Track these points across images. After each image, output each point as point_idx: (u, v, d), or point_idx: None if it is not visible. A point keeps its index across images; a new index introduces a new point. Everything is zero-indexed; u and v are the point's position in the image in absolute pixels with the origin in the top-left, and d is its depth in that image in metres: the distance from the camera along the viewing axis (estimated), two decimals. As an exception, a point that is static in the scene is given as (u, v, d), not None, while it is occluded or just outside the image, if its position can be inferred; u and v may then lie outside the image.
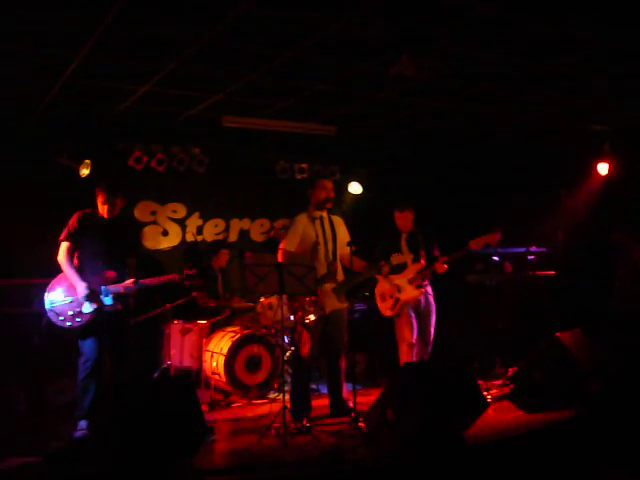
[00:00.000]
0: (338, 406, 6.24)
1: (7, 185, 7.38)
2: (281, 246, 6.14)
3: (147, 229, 8.38)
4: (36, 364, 6.97)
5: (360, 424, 5.73)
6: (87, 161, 7.46)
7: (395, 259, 6.37)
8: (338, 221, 6.52)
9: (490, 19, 5.08)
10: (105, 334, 5.90)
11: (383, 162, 9.32)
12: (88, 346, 5.84)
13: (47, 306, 5.87)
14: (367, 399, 6.36)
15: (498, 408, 6.44)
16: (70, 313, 5.83)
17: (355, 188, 8.93)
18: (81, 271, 5.86)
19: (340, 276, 6.31)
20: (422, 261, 7.10)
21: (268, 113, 7.55)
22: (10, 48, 5.36)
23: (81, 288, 5.77)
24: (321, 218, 6.34)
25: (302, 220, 6.29)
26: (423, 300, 7.53)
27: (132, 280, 5.94)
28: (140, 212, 8.34)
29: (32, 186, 7.43)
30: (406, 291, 7.14)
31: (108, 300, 5.88)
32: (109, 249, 5.97)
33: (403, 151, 9.48)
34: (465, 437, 5.28)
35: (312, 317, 5.93)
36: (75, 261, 5.91)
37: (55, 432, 6.00)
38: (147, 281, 6.01)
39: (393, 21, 5.11)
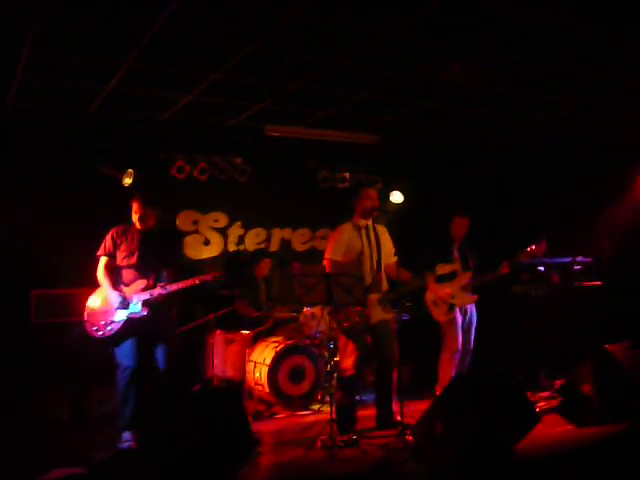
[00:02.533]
0: (386, 419, 6.14)
1: (51, 195, 7.42)
2: (327, 256, 6.05)
3: (189, 238, 8.37)
4: (79, 373, 7.00)
5: (407, 437, 5.62)
6: (130, 170, 7.48)
7: (440, 269, 6.31)
8: (382, 230, 6.44)
9: (539, 24, 4.98)
10: (140, 342, 5.96)
11: (425, 171, 9.20)
12: (123, 355, 5.93)
13: (85, 317, 6.03)
14: (412, 411, 6.25)
15: (546, 421, 6.28)
16: (102, 322, 5.94)
17: (397, 197, 8.83)
18: (118, 282, 6.03)
19: (384, 286, 6.22)
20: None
21: (310, 122, 7.52)
22: (56, 57, 5.37)
23: (114, 297, 5.92)
24: (366, 227, 6.26)
25: (347, 229, 6.21)
26: (468, 309, 7.47)
27: (159, 285, 5.97)
28: (182, 221, 8.33)
29: (76, 196, 7.45)
30: (460, 297, 7.12)
31: (135, 307, 5.94)
32: (143, 261, 6.06)
33: (445, 159, 9.37)
34: (515, 451, 5.17)
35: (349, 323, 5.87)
36: (113, 273, 6.05)
37: (97, 442, 6.03)
38: (174, 286, 5.99)
39: (442, 27, 5.04)
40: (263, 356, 7.17)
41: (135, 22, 4.73)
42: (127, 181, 7.50)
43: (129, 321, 5.93)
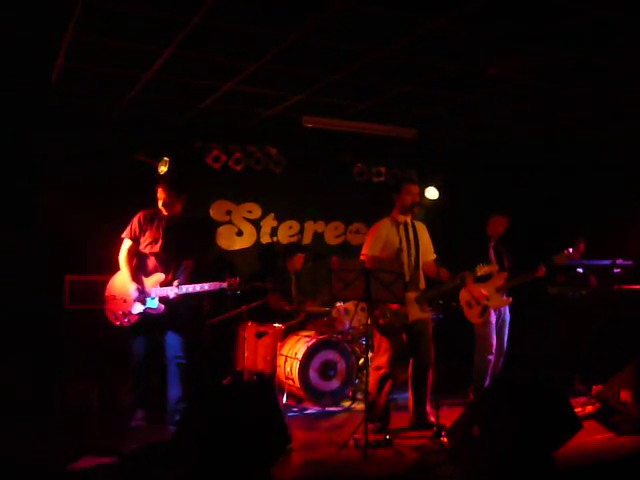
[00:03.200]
0: (420, 419, 6.02)
1: (86, 181, 7.38)
2: (364, 251, 5.91)
3: (222, 229, 8.30)
4: (111, 361, 6.96)
5: (442, 439, 5.49)
6: (165, 158, 7.42)
7: (480, 270, 6.16)
8: (421, 227, 6.30)
9: (585, 19, 4.82)
10: (153, 335, 6.06)
11: (461, 167, 9.04)
12: (135, 345, 6.07)
13: (105, 301, 6.06)
14: (444, 413, 6.11)
15: (584, 428, 6.12)
16: (121, 312, 5.97)
17: (432, 193, 8.68)
18: (138, 270, 6.01)
19: (422, 284, 6.08)
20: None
21: (349, 114, 7.40)
22: (97, 42, 5.28)
23: (132, 289, 5.90)
24: (405, 224, 6.12)
25: (385, 225, 6.07)
26: (502, 310, 7.33)
27: (176, 285, 5.90)
28: (215, 211, 8.26)
29: (111, 183, 7.41)
30: (495, 299, 6.98)
31: (152, 303, 5.94)
32: (166, 251, 6.02)
33: (481, 156, 9.20)
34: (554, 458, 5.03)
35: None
36: (135, 260, 6.04)
37: (125, 431, 5.98)
38: (189, 288, 5.93)
39: (488, 21, 4.88)
40: (294, 350, 7.08)
41: (181, 7, 4.63)
42: (162, 169, 7.45)
43: (145, 315, 5.95)
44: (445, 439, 5.45)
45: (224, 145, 7.93)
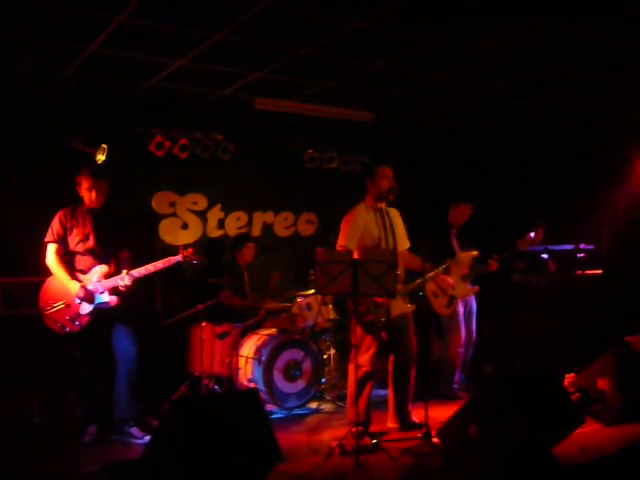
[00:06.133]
0: (402, 420, 5.60)
1: (15, 170, 6.61)
2: (341, 243, 5.37)
3: (165, 222, 7.61)
4: (50, 372, 6.22)
5: (434, 439, 5.08)
6: (103, 146, 6.72)
7: (464, 257, 5.83)
8: (395, 214, 5.84)
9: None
10: (100, 337, 5.55)
11: (417, 153, 8.66)
12: (84, 350, 5.52)
13: (42, 312, 5.44)
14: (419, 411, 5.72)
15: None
16: (67, 318, 5.40)
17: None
18: (72, 269, 5.48)
19: (402, 276, 5.63)
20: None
21: (304, 96, 6.90)
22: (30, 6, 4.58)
23: (75, 289, 5.36)
24: (381, 211, 5.66)
25: (361, 212, 5.54)
26: (469, 299, 7.05)
27: (125, 272, 5.38)
28: (158, 203, 7.57)
29: (46, 173, 6.65)
30: (461, 289, 6.67)
31: (102, 297, 5.41)
32: (101, 244, 5.51)
33: (439, 142, 8.86)
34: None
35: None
36: (65, 260, 5.51)
37: (77, 450, 5.31)
38: (142, 270, 5.41)
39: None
40: (255, 350, 6.53)
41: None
42: (100, 158, 6.75)
43: (97, 312, 5.42)
44: (437, 440, 5.05)
45: (168, 131, 7.29)
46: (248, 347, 6.66)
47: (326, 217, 8.30)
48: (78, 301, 5.38)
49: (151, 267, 5.43)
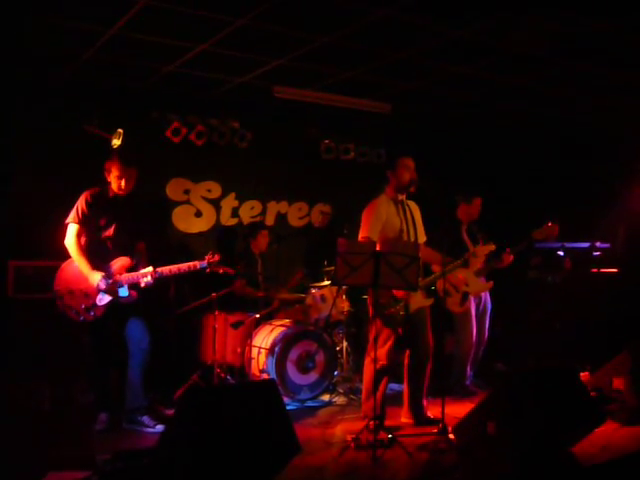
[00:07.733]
0: (417, 415, 5.54)
1: (34, 156, 6.55)
2: (363, 234, 5.29)
3: (179, 209, 7.54)
4: (62, 358, 6.18)
5: (450, 435, 5.02)
6: (119, 130, 6.65)
7: (480, 251, 5.76)
8: (414, 207, 5.76)
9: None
10: (114, 326, 5.47)
11: (434, 146, 8.56)
12: (97, 339, 5.47)
13: (57, 297, 5.32)
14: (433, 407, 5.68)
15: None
16: (83, 307, 5.29)
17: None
18: (89, 256, 5.31)
19: (421, 269, 5.54)
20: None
21: (323, 85, 6.83)
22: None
23: (97, 279, 5.21)
24: (402, 202, 5.58)
25: (383, 203, 5.45)
26: (483, 296, 6.95)
27: (150, 270, 5.27)
28: (172, 190, 7.50)
29: (61, 157, 6.59)
30: (474, 285, 6.53)
31: (123, 291, 5.31)
32: (120, 234, 5.39)
33: (456, 135, 8.76)
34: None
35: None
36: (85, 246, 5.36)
37: (89, 437, 5.23)
38: (166, 271, 5.32)
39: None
40: (269, 341, 6.48)
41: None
42: (116, 142, 6.65)
43: (113, 305, 5.33)
44: (452, 436, 4.99)
45: (185, 117, 7.20)
46: (261, 337, 6.60)
47: (341, 208, 8.22)
48: (101, 294, 5.27)
49: (175, 269, 5.34)
